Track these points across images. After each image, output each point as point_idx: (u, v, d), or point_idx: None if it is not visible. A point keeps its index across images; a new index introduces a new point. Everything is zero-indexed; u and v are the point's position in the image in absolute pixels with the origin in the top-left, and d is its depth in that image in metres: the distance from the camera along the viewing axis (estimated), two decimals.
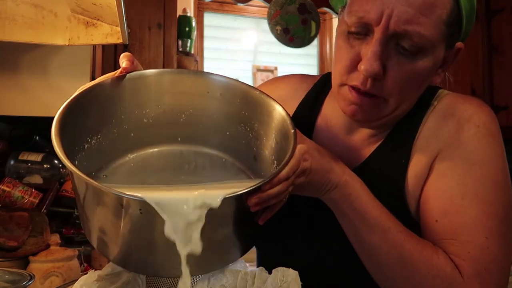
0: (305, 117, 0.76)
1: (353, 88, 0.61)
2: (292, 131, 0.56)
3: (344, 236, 0.64)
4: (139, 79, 0.65)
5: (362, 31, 0.59)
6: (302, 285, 0.56)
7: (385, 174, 0.66)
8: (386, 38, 0.57)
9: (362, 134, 0.70)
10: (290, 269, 0.57)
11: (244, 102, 0.64)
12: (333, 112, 0.73)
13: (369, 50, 0.57)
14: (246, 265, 0.61)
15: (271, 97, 0.62)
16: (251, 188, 0.50)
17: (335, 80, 0.65)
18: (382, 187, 0.64)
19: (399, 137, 0.67)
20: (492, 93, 2.31)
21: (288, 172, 0.53)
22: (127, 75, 0.64)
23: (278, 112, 0.61)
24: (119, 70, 0.64)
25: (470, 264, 0.58)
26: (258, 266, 0.80)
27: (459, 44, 0.63)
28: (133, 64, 0.63)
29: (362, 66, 0.58)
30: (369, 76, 0.58)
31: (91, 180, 0.48)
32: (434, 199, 0.62)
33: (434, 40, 0.57)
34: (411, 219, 0.65)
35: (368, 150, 0.69)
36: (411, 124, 0.66)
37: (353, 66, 0.60)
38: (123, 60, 0.62)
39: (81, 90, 0.62)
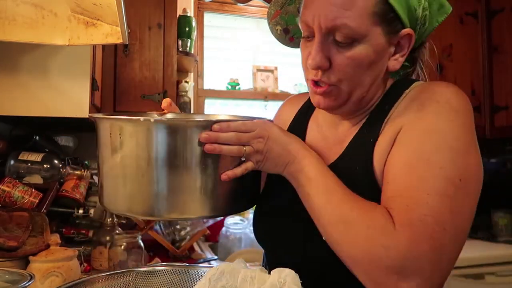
0: (300, 121, 0.87)
1: (312, 81, 0.71)
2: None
3: None
4: None
5: (310, 35, 0.70)
6: (301, 283, 0.56)
7: (358, 156, 0.71)
8: (323, 35, 0.67)
9: (344, 126, 0.78)
10: (290, 270, 0.57)
11: None
12: (320, 112, 0.84)
13: (313, 48, 0.68)
14: (246, 265, 0.61)
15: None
16: (200, 120, 0.69)
17: (305, 79, 0.75)
18: (356, 168, 0.70)
19: (372, 122, 0.73)
20: (492, 93, 2.31)
21: (240, 124, 0.66)
22: None
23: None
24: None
25: (404, 215, 0.59)
26: (264, 265, 0.81)
27: (406, 30, 0.69)
28: (170, 106, 0.85)
29: (308, 61, 0.68)
30: (315, 68, 0.68)
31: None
32: (390, 167, 0.65)
33: (363, 29, 0.65)
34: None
35: (349, 140, 0.75)
36: (383, 111, 0.72)
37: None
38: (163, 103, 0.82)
39: None
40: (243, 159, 0.67)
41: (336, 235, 0.63)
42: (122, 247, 1.24)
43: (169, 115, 0.84)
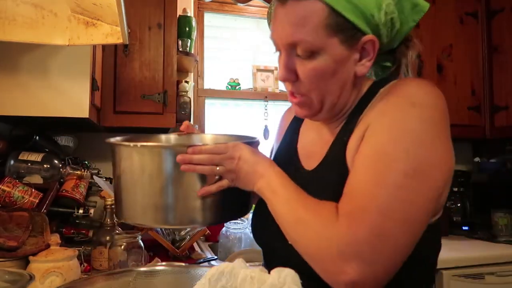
0: (293, 127, 0.94)
1: (289, 92, 0.78)
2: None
3: None
4: None
5: (278, 50, 0.76)
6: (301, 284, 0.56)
7: (336, 157, 0.75)
8: (286, 50, 0.73)
9: (329, 129, 0.82)
10: (290, 269, 0.57)
11: None
12: (305, 123, 0.92)
13: (280, 62, 0.75)
14: (246, 265, 0.61)
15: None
16: (175, 144, 0.84)
17: None
18: (335, 169, 0.74)
19: (349, 123, 0.77)
20: (492, 93, 2.31)
21: (212, 148, 0.74)
22: None
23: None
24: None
25: (346, 206, 0.64)
26: (263, 265, 0.83)
27: (366, 37, 0.71)
28: (188, 128, 0.91)
29: (278, 76, 0.77)
30: (283, 81, 0.76)
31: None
32: (354, 163, 0.69)
33: (319, 42, 0.70)
34: None
35: (331, 142, 0.80)
36: (359, 111, 0.76)
37: None
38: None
39: None
40: (217, 177, 0.75)
41: (293, 235, 0.69)
42: (122, 247, 1.24)
43: (185, 137, 0.94)
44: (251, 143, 0.80)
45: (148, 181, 0.75)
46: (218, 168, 0.74)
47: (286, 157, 0.90)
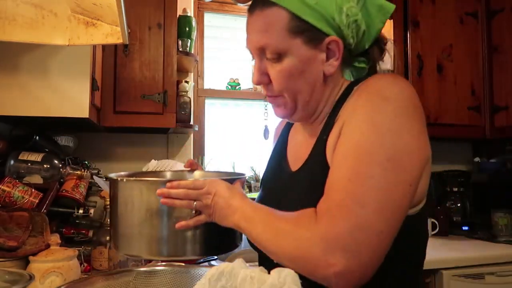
0: (284, 133, 0.98)
1: (266, 95, 0.83)
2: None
3: None
4: None
5: (252, 57, 0.83)
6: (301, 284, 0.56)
7: (318, 156, 0.77)
8: (258, 56, 0.79)
9: (311, 130, 0.85)
10: (290, 269, 0.57)
11: None
12: (296, 123, 0.96)
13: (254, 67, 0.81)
14: (246, 265, 0.61)
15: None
16: (156, 179, 0.92)
17: None
18: (317, 168, 0.76)
19: (328, 122, 0.80)
20: (492, 93, 2.31)
21: (189, 183, 0.77)
22: None
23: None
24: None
25: (323, 205, 0.66)
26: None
27: (330, 38, 0.76)
28: (192, 165, 1.00)
29: (252, 80, 0.83)
30: (257, 84, 0.81)
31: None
32: (332, 161, 0.72)
33: (284, 45, 0.76)
34: None
35: (314, 142, 0.82)
36: (337, 110, 0.79)
37: None
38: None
39: None
40: (193, 212, 0.78)
41: (275, 249, 0.69)
42: None
43: (195, 173, 1.03)
44: (234, 179, 0.84)
45: (137, 213, 0.79)
46: (195, 203, 0.77)
47: (276, 161, 0.94)
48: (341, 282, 0.61)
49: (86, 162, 1.89)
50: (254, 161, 2.44)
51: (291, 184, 0.83)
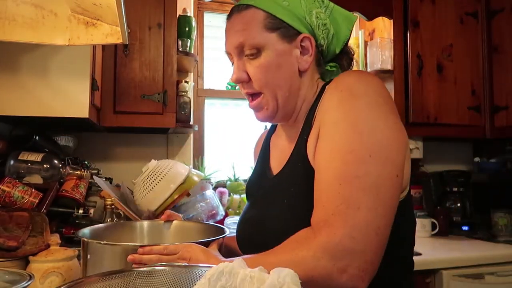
0: (266, 142, 1.02)
1: (247, 96, 0.87)
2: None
3: None
4: None
5: (231, 60, 0.87)
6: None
7: (299, 156, 0.79)
8: (237, 55, 0.84)
9: (292, 133, 0.88)
10: (289, 269, 0.57)
11: None
12: (278, 128, 0.99)
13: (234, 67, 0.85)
14: (246, 264, 0.61)
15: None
16: (128, 244, 0.87)
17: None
18: (298, 166, 0.78)
19: (307, 122, 0.82)
20: (492, 93, 2.31)
21: (162, 248, 0.78)
22: None
23: None
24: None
25: (318, 216, 0.67)
26: None
27: (303, 34, 0.83)
28: (170, 217, 1.07)
29: (231, 78, 0.86)
30: (237, 81, 0.85)
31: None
32: (315, 166, 0.73)
33: (261, 40, 0.81)
34: None
35: (294, 144, 0.85)
36: (314, 108, 0.82)
37: None
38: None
39: None
40: None
41: None
42: None
43: (173, 223, 1.04)
44: (210, 241, 0.84)
45: None
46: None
47: (260, 169, 0.97)
48: (357, 284, 0.63)
49: (86, 162, 1.90)
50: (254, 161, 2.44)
51: (273, 188, 0.84)
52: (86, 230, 0.93)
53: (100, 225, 0.98)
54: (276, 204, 0.81)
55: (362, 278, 0.62)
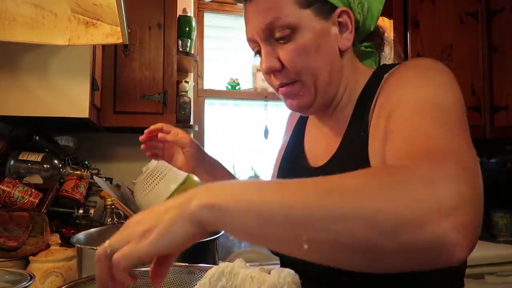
0: (298, 127, 0.90)
1: (279, 87, 0.74)
2: None
3: None
4: None
5: (258, 49, 0.75)
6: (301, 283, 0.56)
7: (353, 152, 0.69)
8: (265, 40, 0.71)
9: (335, 122, 0.78)
10: (289, 270, 0.57)
11: None
12: (309, 120, 0.88)
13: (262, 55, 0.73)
14: (246, 265, 0.61)
15: None
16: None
17: (275, 91, 0.78)
18: (348, 164, 0.68)
19: (360, 113, 0.72)
20: (492, 93, 2.31)
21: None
22: None
23: None
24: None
25: (411, 148, 0.49)
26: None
27: (340, 8, 0.72)
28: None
29: (262, 67, 0.72)
30: (269, 71, 0.72)
31: None
32: (390, 129, 0.58)
33: (294, 18, 0.69)
34: None
35: (341, 136, 0.74)
36: (368, 99, 0.71)
37: None
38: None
39: None
40: None
41: (336, 225, 0.38)
42: None
43: None
44: None
45: None
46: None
47: (293, 156, 0.87)
48: (460, 239, 0.40)
49: (86, 162, 1.90)
50: (254, 161, 2.44)
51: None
52: (80, 236, 0.92)
53: (95, 229, 0.97)
54: None
55: (469, 232, 0.41)
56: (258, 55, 0.76)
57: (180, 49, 1.94)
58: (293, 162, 0.85)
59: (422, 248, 0.38)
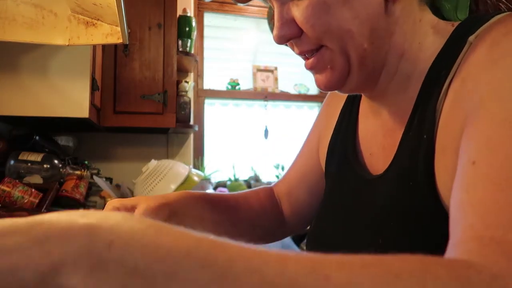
0: (349, 113, 0.66)
1: (304, 57, 0.54)
2: None
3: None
4: None
5: (268, 19, 0.61)
6: None
7: (411, 160, 0.48)
8: (276, 1, 0.51)
9: (385, 116, 0.57)
10: None
11: None
12: (364, 101, 0.63)
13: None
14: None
15: None
16: None
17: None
18: (412, 180, 0.47)
19: (425, 102, 0.48)
20: None
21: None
22: None
23: None
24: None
25: (474, 230, 0.32)
26: None
27: None
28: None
29: (275, 37, 0.52)
30: (283, 40, 0.52)
31: None
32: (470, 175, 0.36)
33: None
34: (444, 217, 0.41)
35: (399, 135, 0.52)
36: (438, 80, 0.47)
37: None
38: None
39: None
40: None
41: None
42: None
43: None
44: None
45: None
46: None
47: (343, 156, 0.63)
48: None
49: (86, 162, 1.90)
50: (254, 161, 2.44)
51: (374, 196, 0.52)
52: None
53: None
54: (390, 228, 0.48)
55: None
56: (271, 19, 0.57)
57: (180, 49, 1.94)
58: (344, 166, 0.62)
59: None
